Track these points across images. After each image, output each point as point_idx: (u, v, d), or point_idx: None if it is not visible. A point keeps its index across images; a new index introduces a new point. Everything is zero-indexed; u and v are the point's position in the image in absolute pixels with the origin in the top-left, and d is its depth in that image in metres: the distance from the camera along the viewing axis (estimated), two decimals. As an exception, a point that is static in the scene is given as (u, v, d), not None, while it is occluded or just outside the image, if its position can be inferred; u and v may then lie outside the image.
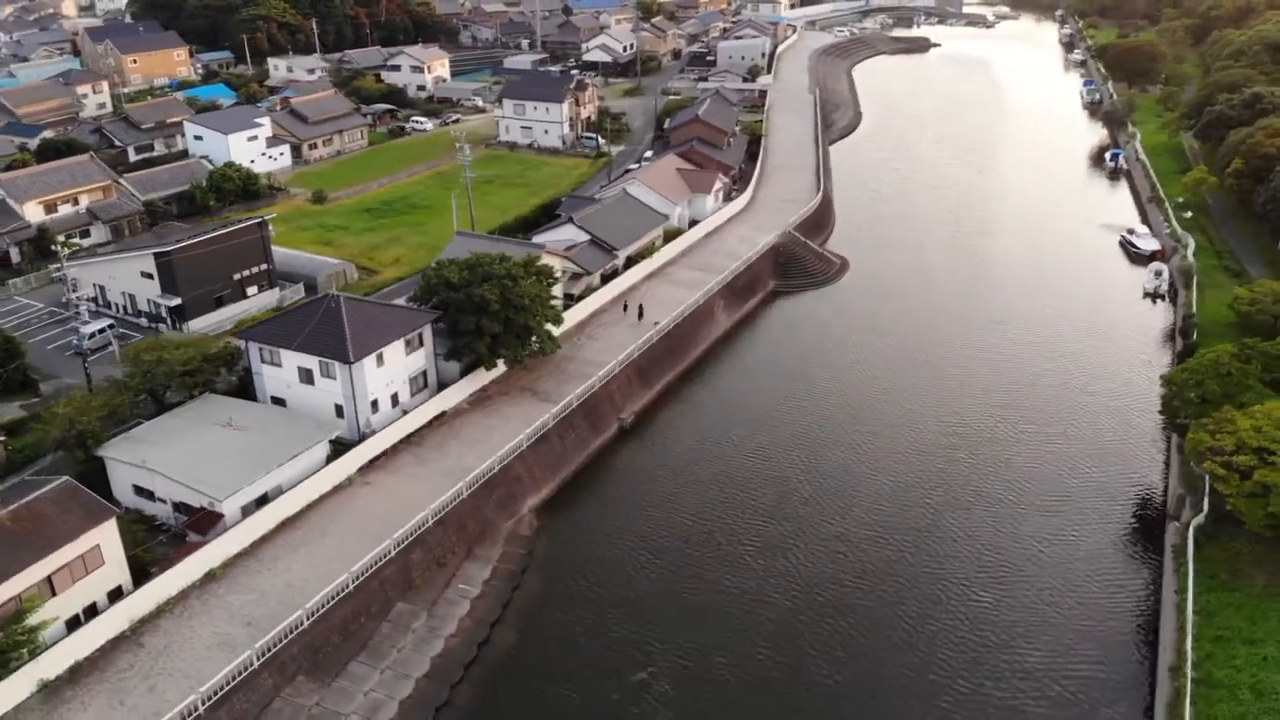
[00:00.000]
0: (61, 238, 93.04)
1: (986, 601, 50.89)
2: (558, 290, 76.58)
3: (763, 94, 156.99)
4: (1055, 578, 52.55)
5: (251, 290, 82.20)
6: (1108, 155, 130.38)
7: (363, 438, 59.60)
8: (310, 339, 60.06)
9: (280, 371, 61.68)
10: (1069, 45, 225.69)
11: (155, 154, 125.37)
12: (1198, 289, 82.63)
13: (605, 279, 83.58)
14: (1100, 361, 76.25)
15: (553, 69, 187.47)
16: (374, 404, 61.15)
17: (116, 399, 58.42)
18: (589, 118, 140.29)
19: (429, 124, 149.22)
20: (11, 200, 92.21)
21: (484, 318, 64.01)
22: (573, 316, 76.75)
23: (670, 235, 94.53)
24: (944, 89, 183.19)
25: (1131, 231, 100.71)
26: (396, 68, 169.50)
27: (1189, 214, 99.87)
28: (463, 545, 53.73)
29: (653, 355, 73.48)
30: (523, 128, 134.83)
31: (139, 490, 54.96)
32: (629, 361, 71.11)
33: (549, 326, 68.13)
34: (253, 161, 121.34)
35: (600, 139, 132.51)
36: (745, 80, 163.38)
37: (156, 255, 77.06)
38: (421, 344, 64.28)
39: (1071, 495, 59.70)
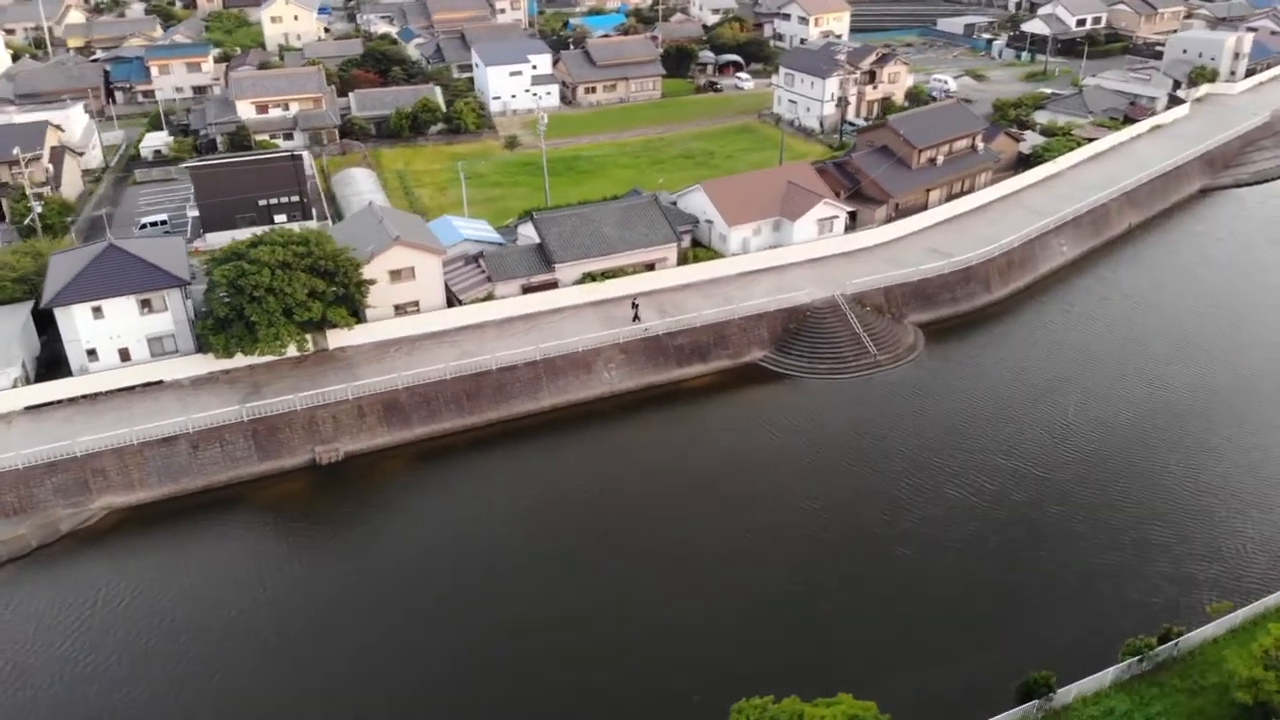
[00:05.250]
0: (265, 136, 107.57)
1: None
2: (421, 291, 67.93)
3: (1175, 102, 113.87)
4: None
5: (280, 218, 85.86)
6: None
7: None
8: (53, 276, 62.42)
9: (67, 300, 65.33)
10: None
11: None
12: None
13: (531, 290, 71.41)
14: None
15: (984, 37, 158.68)
16: (91, 353, 61.83)
17: None
18: (885, 99, 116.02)
19: (751, 82, 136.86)
20: (233, 97, 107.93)
21: (214, 299, 60.40)
22: (426, 324, 67.61)
23: (697, 258, 76.51)
24: None
25: None
26: (786, 16, 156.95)
27: None
28: (-20, 513, 53.08)
29: (433, 393, 61.78)
30: (790, 101, 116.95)
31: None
32: (386, 391, 60.96)
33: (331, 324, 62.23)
34: (514, 96, 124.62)
35: (858, 126, 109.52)
36: (1177, 85, 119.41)
37: (190, 169, 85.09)
38: (167, 307, 62.62)
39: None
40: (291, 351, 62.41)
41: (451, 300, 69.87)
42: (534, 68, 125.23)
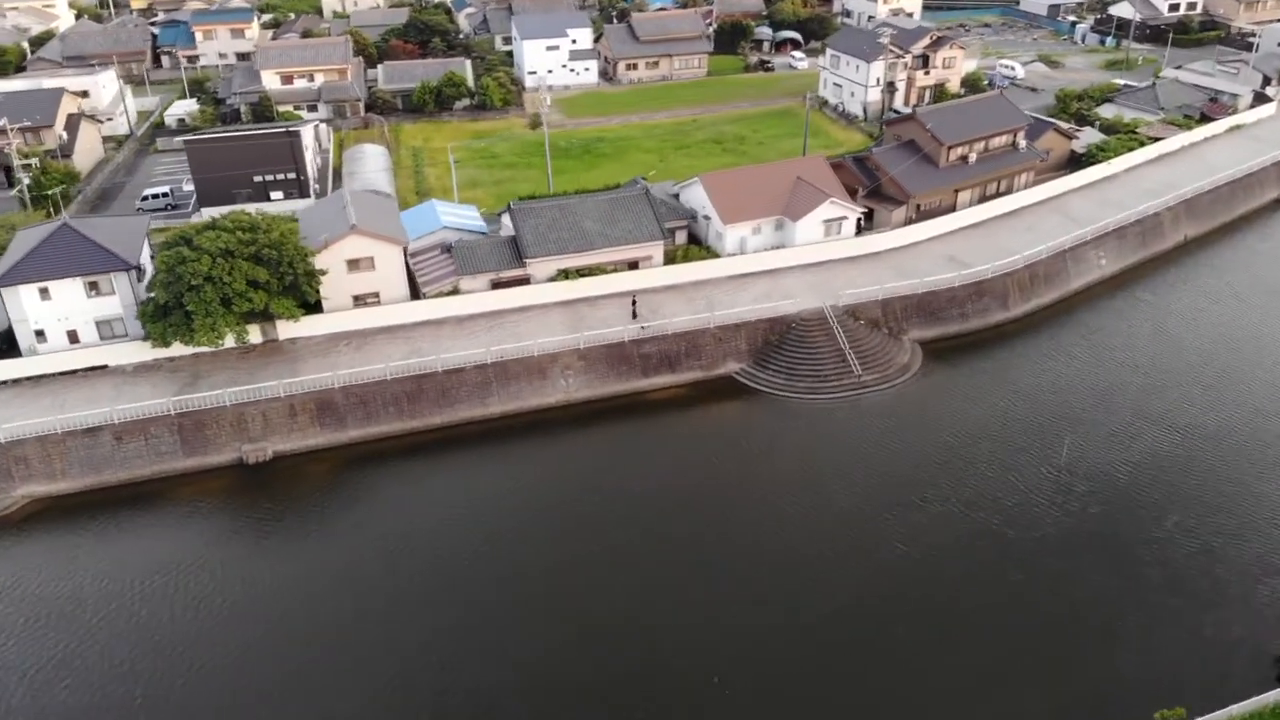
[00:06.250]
0: (289, 107, 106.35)
1: None
2: (381, 282, 65.01)
3: (1262, 100, 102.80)
4: None
5: (276, 195, 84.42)
6: None
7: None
8: (9, 254, 61.47)
9: (21, 276, 64.53)
10: None
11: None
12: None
13: (501, 285, 67.81)
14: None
15: (1068, 19, 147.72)
16: (40, 333, 60.80)
17: None
18: (939, 85, 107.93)
19: (805, 62, 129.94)
20: (258, 67, 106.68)
21: (156, 284, 58.66)
22: (383, 317, 64.72)
23: (689, 257, 71.73)
24: None
25: None
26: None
27: None
28: (-107, 496, 52.54)
29: (371, 394, 58.82)
30: (835, 84, 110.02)
31: None
32: (321, 389, 58.28)
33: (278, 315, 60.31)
34: (550, 72, 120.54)
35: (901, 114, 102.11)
36: (1266, 81, 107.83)
37: (186, 142, 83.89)
38: (115, 290, 61.08)
39: None
40: (230, 343, 60.18)
41: (417, 293, 66.86)
42: (573, 42, 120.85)
